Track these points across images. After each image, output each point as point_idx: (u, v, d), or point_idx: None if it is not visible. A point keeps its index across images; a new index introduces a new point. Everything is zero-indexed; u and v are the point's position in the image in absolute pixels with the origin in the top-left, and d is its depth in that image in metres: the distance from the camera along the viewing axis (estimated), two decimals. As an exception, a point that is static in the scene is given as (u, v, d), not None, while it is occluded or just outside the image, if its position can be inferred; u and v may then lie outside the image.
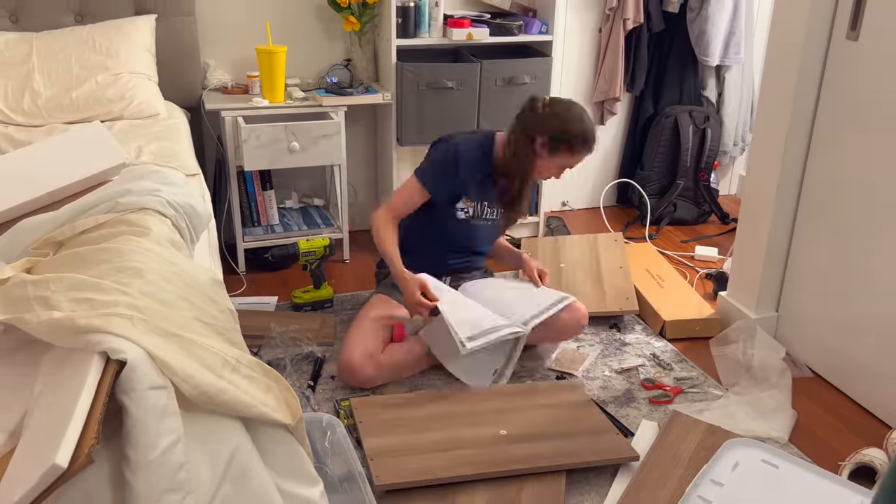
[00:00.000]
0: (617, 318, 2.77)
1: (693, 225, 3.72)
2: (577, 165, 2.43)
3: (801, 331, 2.55)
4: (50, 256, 1.49)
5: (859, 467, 2.01)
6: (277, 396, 1.32)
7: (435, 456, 1.96)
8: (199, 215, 1.79)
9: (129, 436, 1.08)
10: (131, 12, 2.88)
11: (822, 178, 2.39)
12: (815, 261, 2.45)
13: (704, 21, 3.49)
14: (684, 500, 1.82)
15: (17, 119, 2.53)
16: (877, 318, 2.24)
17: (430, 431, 2.06)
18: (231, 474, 1.17)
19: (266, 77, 2.92)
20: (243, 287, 3.00)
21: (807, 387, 2.43)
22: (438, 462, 1.93)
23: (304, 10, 3.18)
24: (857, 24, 2.20)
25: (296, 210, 3.35)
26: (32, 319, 1.20)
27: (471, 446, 2.01)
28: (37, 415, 1.16)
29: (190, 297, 1.38)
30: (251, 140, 2.84)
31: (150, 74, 2.77)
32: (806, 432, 2.21)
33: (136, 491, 1.06)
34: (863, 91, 2.21)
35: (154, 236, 1.53)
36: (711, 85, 3.70)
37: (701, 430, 2.12)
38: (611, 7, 3.45)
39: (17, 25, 2.77)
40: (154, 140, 2.42)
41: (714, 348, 2.59)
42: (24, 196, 1.76)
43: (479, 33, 3.09)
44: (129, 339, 1.15)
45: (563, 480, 1.93)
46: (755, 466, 1.93)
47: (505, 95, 3.13)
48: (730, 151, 3.82)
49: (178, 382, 1.15)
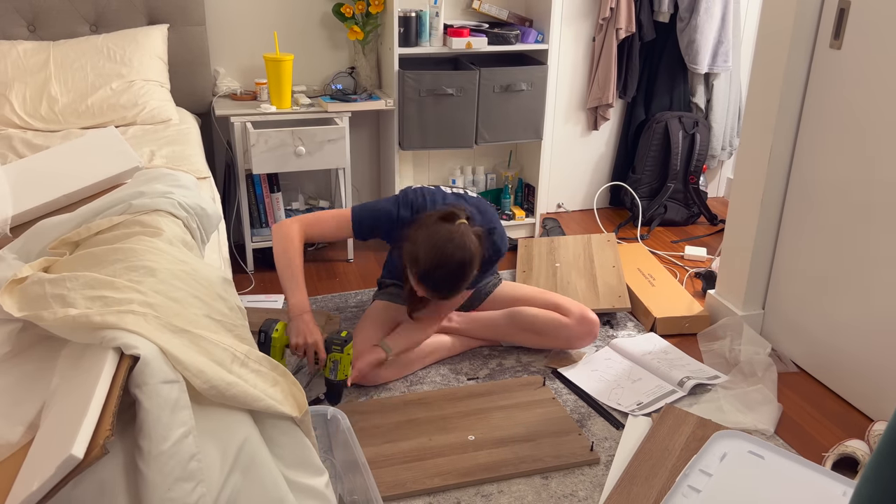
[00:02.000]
0: (610, 315, 2.77)
1: (683, 226, 3.72)
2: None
3: (786, 327, 2.55)
4: (66, 256, 1.49)
5: (842, 458, 2.01)
6: (284, 390, 1.32)
7: (405, 468, 1.94)
8: (210, 217, 1.79)
9: (142, 428, 1.08)
10: (144, 22, 2.88)
11: (806, 181, 2.39)
12: (800, 260, 2.45)
13: (693, 30, 3.49)
14: (675, 489, 1.82)
15: (35, 124, 2.53)
16: (859, 316, 2.24)
17: (400, 441, 2.04)
18: (240, 464, 1.17)
19: (274, 84, 2.92)
20: (252, 285, 3.00)
21: (792, 381, 2.43)
22: (408, 475, 1.92)
23: (311, 20, 3.18)
24: (840, 33, 2.20)
25: (302, 211, 3.35)
26: (50, 316, 1.20)
27: (440, 454, 2.00)
28: (54, 407, 1.16)
29: (200, 295, 1.38)
30: (259, 144, 2.84)
31: (162, 82, 2.78)
32: (791, 424, 2.21)
33: (149, 480, 1.06)
34: (845, 97, 2.21)
35: (166, 237, 1.53)
36: (700, 92, 3.70)
37: (692, 422, 2.12)
38: (604, 17, 3.45)
39: (35, 35, 2.77)
40: (166, 144, 2.42)
41: (702, 344, 2.59)
42: (42, 198, 1.77)
43: (477, 42, 3.09)
44: (143, 336, 1.15)
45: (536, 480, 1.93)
46: (742, 457, 1.93)
47: (502, 102, 3.13)
48: (718, 155, 3.82)
49: (189, 377, 1.15)
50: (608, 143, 3.83)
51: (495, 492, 1.90)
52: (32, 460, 1.07)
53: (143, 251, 1.41)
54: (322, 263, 3.22)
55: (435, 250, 2.02)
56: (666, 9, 3.49)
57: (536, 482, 1.93)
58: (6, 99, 2.52)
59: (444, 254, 2.02)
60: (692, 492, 1.81)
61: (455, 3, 3.29)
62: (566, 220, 3.73)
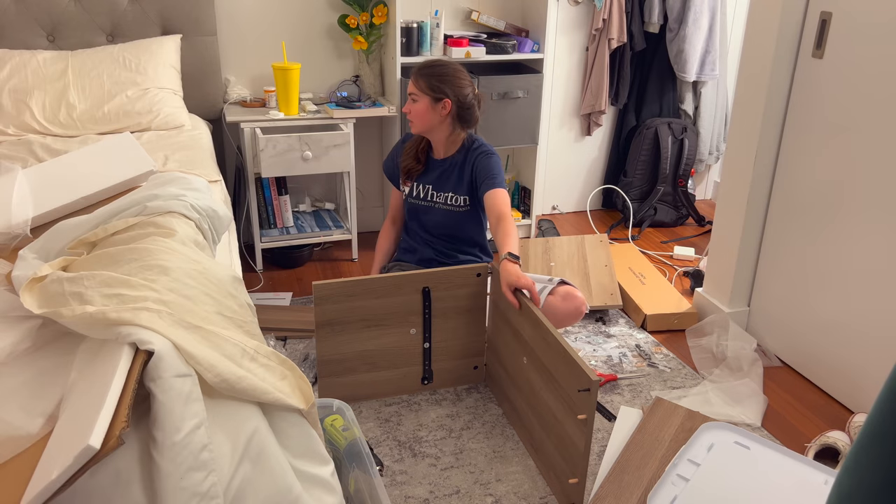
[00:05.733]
0: (602, 312, 2.77)
1: (672, 227, 3.72)
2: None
3: (770, 324, 2.55)
4: (84, 255, 1.49)
5: (824, 448, 2.01)
6: (292, 384, 1.32)
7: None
8: (221, 218, 1.79)
9: (156, 419, 1.08)
10: (158, 32, 2.88)
11: (790, 184, 2.39)
12: (784, 260, 2.45)
13: (682, 41, 3.49)
14: (664, 478, 1.82)
15: (53, 130, 2.53)
16: (840, 312, 2.24)
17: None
18: (249, 454, 1.17)
19: (282, 92, 2.92)
20: (261, 284, 3.00)
21: (776, 375, 2.43)
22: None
23: (317, 31, 3.18)
24: (822, 43, 2.20)
25: (309, 213, 3.35)
26: (68, 313, 1.20)
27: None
28: (72, 400, 1.16)
29: (212, 293, 1.38)
30: (268, 149, 2.84)
31: (175, 89, 2.77)
32: (775, 417, 2.21)
33: (163, 470, 1.06)
34: (827, 104, 2.21)
35: (179, 237, 1.53)
36: (689, 99, 3.70)
37: (681, 414, 2.12)
38: (597, 28, 3.45)
39: (53, 45, 2.77)
40: (179, 149, 2.42)
41: (690, 340, 2.59)
42: (60, 200, 1.77)
43: (476, 52, 3.09)
44: (157, 331, 1.15)
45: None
46: (729, 448, 1.93)
47: (500, 108, 3.13)
48: (705, 160, 3.82)
49: (201, 371, 1.15)
50: (601, 147, 3.83)
51: (493, 480, 1.90)
52: (51, 450, 1.07)
53: (158, 251, 1.41)
54: (328, 263, 3.22)
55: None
56: (656, 20, 3.49)
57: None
58: (27, 106, 2.52)
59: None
60: (681, 480, 1.81)
61: (455, 14, 3.29)
62: (560, 222, 3.73)
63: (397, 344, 2.18)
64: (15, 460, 1.11)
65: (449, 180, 2.33)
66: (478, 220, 2.37)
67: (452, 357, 2.26)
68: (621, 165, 3.80)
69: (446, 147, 2.33)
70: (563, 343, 1.73)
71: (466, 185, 2.31)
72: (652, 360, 2.47)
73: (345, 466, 1.68)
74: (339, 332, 2.10)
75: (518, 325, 2.00)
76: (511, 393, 2.09)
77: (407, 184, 2.41)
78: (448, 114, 2.24)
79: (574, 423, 1.70)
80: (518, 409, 2.05)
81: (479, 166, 2.27)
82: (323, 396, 2.14)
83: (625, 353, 2.51)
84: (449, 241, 2.40)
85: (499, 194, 2.19)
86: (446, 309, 2.18)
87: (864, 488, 0.62)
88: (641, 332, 2.66)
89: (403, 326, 2.16)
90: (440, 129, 2.28)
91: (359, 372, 2.17)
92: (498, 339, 2.17)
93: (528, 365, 1.95)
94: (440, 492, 1.85)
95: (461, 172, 2.32)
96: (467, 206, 2.33)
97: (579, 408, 1.67)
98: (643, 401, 2.25)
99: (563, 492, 1.79)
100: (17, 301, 1.35)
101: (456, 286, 2.16)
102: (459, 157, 2.32)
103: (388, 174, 2.50)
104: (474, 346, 2.27)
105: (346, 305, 2.07)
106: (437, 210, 2.36)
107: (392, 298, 2.11)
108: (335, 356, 2.12)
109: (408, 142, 2.42)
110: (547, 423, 1.85)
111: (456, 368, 2.28)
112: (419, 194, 2.38)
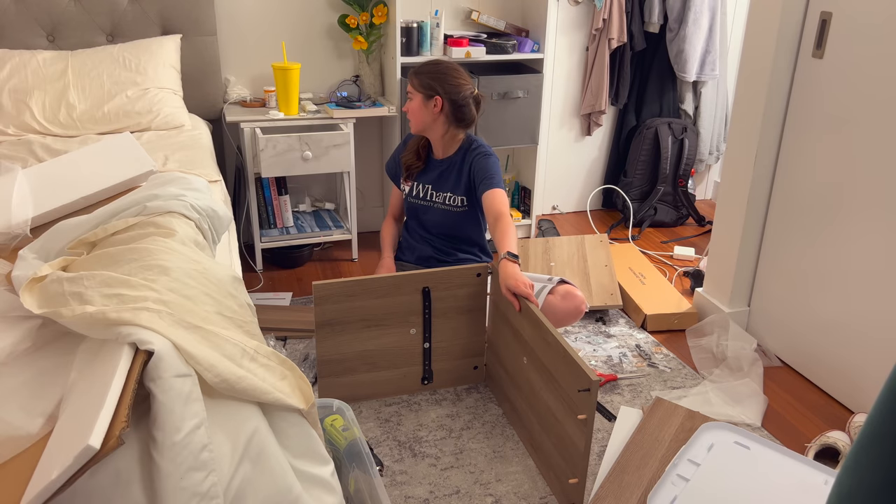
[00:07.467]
0: (602, 312, 2.77)
1: (672, 227, 3.72)
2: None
3: (770, 324, 2.55)
4: (84, 255, 1.49)
5: (824, 448, 2.01)
6: (292, 384, 1.32)
7: None
8: (221, 218, 1.79)
9: (156, 419, 1.08)
10: (158, 33, 2.88)
11: (790, 184, 2.39)
12: (784, 260, 2.45)
13: (682, 41, 3.49)
14: (664, 478, 1.82)
15: (54, 130, 2.53)
16: (840, 312, 2.24)
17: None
18: (250, 454, 1.17)
19: (282, 92, 2.92)
20: (261, 284, 3.00)
21: (776, 375, 2.43)
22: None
23: (317, 31, 3.18)
24: (822, 43, 2.20)
25: (309, 213, 3.35)
26: (68, 313, 1.20)
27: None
28: (72, 400, 1.16)
29: (212, 293, 1.38)
30: (268, 149, 2.84)
31: (175, 89, 2.77)
32: (775, 417, 2.21)
33: (163, 470, 1.06)
34: (827, 104, 2.21)
35: (179, 237, 1.53)
36: (689, 99, 3.70)
37: (681, 414, 2.12)
38: (597, 28, 3.45)
39: (53, 45, 2.77)
40: (179, 149, 2.42)
41: (690, 339, 2.59)
42: (60, 200, 1.76)
43: (476, 52, 3.09)
44: (157, 331, 1.15)
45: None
46: (729, 448, 1.93)
47: (500, 108, 3.13)
48: (706, 160, 3.82)
49: (201, 371, 1.15)
50: (601, 147, 3.83)
51: (493, 480, 1.90)
52: (51, 450, 1.07)
53: (158, 251, 1.41)
54: (328, 263, 3.22)
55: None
56: (656, 20, 3.49)
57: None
58: (27, 106, 2.52)
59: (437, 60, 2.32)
60: (681, 480, 1.81)
61: (455, 14, 3.29)
62: (560, 222, 3.73)
63: (397, 344, 2.18)
64: (15, 460, 1.11)
65: (447, 180, 2.34)
66: (476, 220, 2.38)
67: (452, 357, 2.26)
68: (621, 165, 3.80)
69: (444, 147, 2.34)
70: (563, 343, 1.73)
71: (464, 185, 2.32)
72: (652, 360, 2.47)
73: (345, 466, 1.68)
74: (339, 332, 2.10)
75: (518, 325, 2.00)
76: (511, 393, 2.09)
77: (407, 183, 2.42)
78: (440, 111, 2.25)
79: (574, 423, 1.70)
80: (518, 409, 2.05)
81: (476, 167, 2.27)
82: (323, 396, 2.14)
83: (625, 353, 2.51)
84: (448, 240, 2.41)
85: (496, 194, 2.19)
86: (446, 309, 2.18)
87: (865, 488, 0.62)
88: (641, 332, 2.66)
89: (403, 326, 2.16)
90: (435, 128, 2.29)
91: (359, 372, 2.17)
92: (498, 339, 2.17)
93: (528, 365, 1.95)
94: (440, 492, 1.85)
95: (459, 173, 2.32)
96: (465, 206, 2.34)
97: (579, 408, 1.67)
98: (643, 401, 2.25)
99: (563, 492, 1.79)
100: (17, 301, 1.35)
101: (456, 286, 2.16)
102: (458, 158, 2.33)
103: (389, 174, 2.51)
104: (474, 346, 2.27)
105: (346, 305, 2.07)
106: (435, 210, 2.37)
107: (392, 298, 2.11)
108: (335, 356, 2.12)
109: (410, 140, 2.45)
110: (547, 423, 1.85)
111: (456, 368, 2.28)
112: (419, 194, 2.39)
